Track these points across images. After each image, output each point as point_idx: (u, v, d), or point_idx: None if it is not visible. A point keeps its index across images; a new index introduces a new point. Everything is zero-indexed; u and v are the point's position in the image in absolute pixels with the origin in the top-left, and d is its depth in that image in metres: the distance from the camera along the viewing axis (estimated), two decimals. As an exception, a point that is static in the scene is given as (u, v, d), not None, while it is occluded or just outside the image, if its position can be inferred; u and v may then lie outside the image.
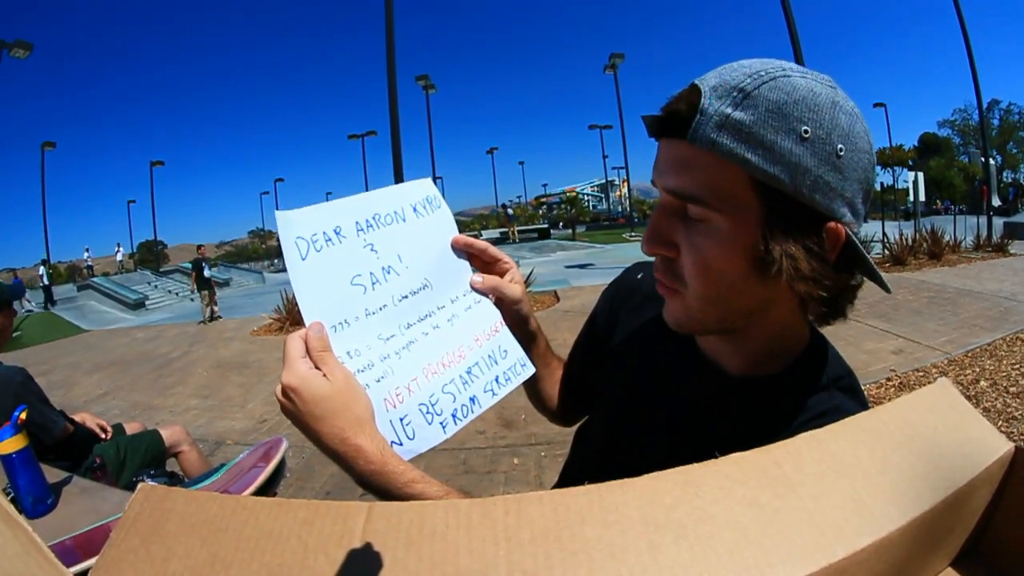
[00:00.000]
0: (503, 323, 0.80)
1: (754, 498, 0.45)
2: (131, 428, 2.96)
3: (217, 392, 6.13)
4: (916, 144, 50.85)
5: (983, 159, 16.58)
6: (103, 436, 2.72)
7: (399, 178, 11.09)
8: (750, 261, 0.60)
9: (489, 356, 0.77)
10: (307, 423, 0.62)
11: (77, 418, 2.67)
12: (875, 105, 42.80)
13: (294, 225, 0.67)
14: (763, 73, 0.56)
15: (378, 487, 0.62)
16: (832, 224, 0.58)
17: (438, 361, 0.72)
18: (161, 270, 30.10)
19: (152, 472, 2.66)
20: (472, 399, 0.73)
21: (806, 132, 0.55)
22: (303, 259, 0.66)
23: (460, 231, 0.80)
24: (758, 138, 0.55)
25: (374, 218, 0.73)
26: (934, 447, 0.54)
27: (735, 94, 0.56)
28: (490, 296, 0.81)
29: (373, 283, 0.71)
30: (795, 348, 0.71)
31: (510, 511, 0.45)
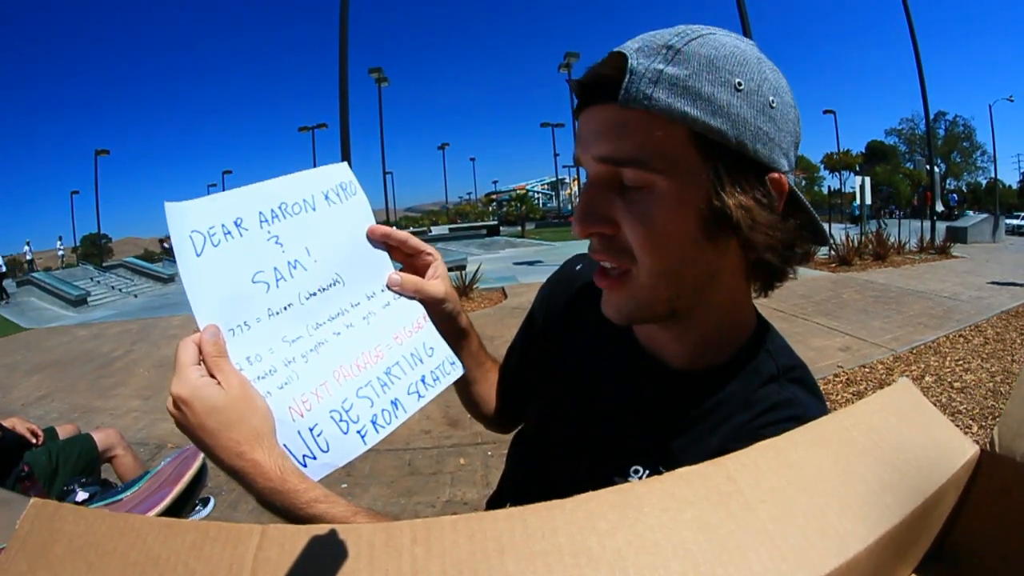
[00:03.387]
0: (427, 318, 0.73)
1: (705, 520, 0.39)
2: (65, 431, 2.84)
3: (159, 393, 5.85)
4: (864, 150, 52.87)
5: (928, 167, 17.29)
6: (34, 442, 2.59)
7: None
8: (699, 223, 0.56)
9: (412, 355, 0.69)
10: (200, 437, 0.56)
11: (6, 423, 2.54)
12: (825, 112, 44.11)
13: (188, 218, 0.59)
14: (689, 32, 0.55)
15: (279, 507, 0.56)
16: (775, 175, 0.57)
17: (351, 363, 0.65)
18: (104, 265, 28.95)
19: (83, 480, 2.55)
20: (394, 403, 0.65)
21: (740, 84, 0.54)
22: (198, 255, 0.59)
23: (406, 228, 0.73)
24: (695, 91, 0.53)
25: (280, 208, 0.65)
26: (900, 454, 0.50)
27: (664, 51, 0.54)
28: (413, 296, 0.74)
29: (277, 280, 0.63)
30: (740, 335, 0.67)
31: (418, 539, 0.38)
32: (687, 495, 0.40)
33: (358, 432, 0.62)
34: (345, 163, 0.74)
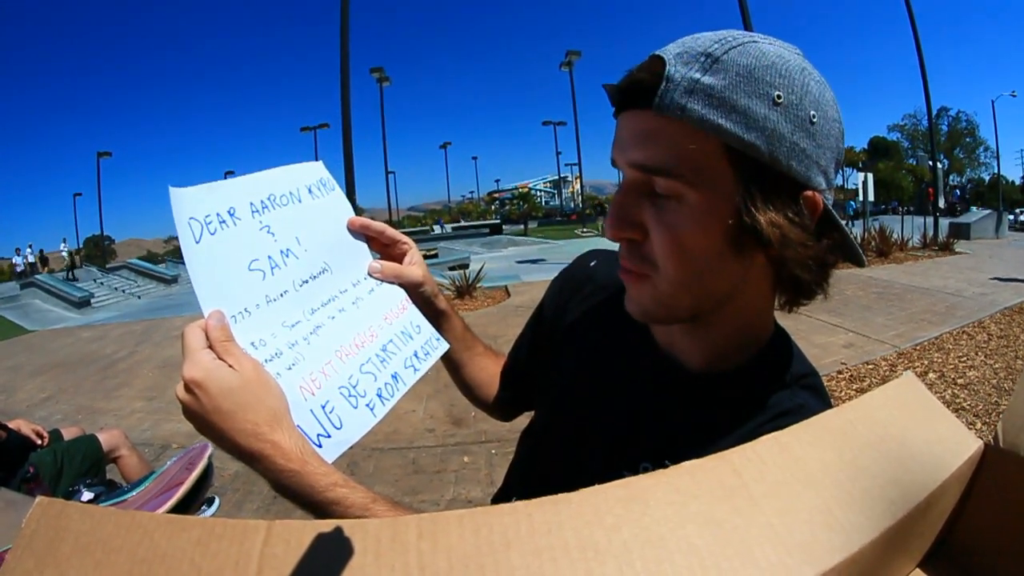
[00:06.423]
0: (409, 300, 0.79)
1: (710, 514, 0.39)
2: (69, 433, 2.83)
3: (163, 393, 5.85)
4: (866, 147, 52.75)
5: (931, 163, 17.25)
6: (39, 443, 2.59)
7: (350, 172, 10.89)
8: (727, 237, 0.56)
9: (403, 332, 0.74)
10: (214, 421, 0.55)
11: (11, 425, 2.54)
12: (827, 108, 43.88)
13: (187, 204, 0.61)
14: (731, 39, 0.54)
15: (296, 490, 0.55)
16: (809, 193, 0.55)
17: (351, 342, 0.69)
18: (108, 266, 29.02)
19: (89, 481, 2.54)
20: (394, 376, 0.70)
21: (779, 97, 0.52)
22: (197, 242, 0.60)
23: (411, 227, 0.75)
24: (731, 103, 0.52)
25: (269, 199, 0.69)
26: (904, 448, 0.50)
27: (703, 59, 0.53)
28: (393, 281, 0.79)
29: (272, 268, 0.66)
30: (758, 341, 0.67)
31: (424, 534, 0.38)
32: (692, 489, 0.40)
33: (367, 405, 0.65)
34: (320, 162, 0.78)
